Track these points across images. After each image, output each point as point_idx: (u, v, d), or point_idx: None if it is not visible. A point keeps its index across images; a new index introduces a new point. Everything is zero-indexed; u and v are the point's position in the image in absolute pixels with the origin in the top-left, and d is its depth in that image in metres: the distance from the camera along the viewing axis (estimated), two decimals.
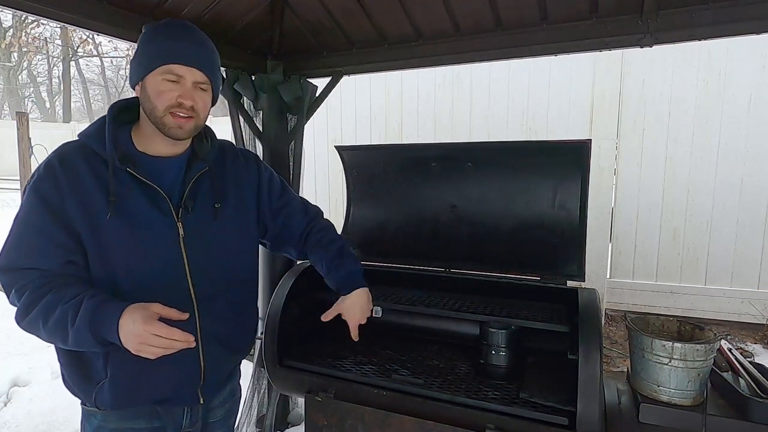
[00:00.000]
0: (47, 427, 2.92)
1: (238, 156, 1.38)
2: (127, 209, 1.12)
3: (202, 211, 1.22)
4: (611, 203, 4.07)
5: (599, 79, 3.94)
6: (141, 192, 1.14)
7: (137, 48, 1.18)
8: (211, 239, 1.23)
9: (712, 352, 1.41)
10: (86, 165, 1.12)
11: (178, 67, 1.12)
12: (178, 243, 1.17)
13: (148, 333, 0.98)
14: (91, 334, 1.01)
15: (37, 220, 1.08)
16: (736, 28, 1.74)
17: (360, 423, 1.58)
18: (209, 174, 1.25)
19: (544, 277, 1.81)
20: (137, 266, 1.13)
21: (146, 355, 1.00)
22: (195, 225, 1.20)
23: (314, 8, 2.23)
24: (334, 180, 4.99)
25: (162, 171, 1.19)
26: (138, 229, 1.13)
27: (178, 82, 1.13)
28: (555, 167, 1.85)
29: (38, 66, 26.28)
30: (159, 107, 1.13)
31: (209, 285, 1.22)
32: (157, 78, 1.12)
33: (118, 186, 1.11)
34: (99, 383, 1.15)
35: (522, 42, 2.06)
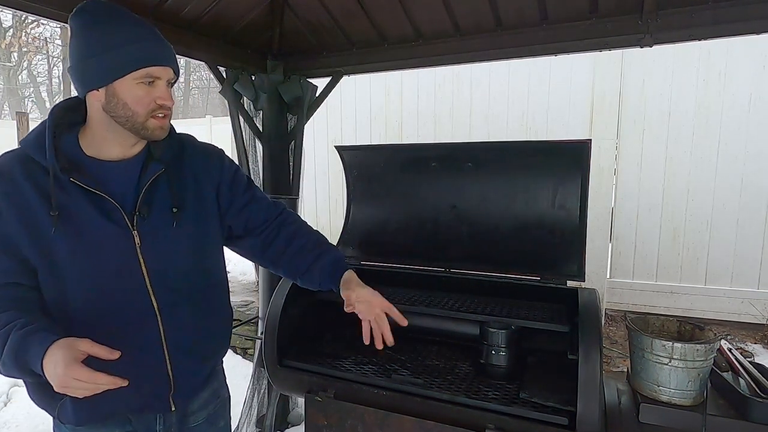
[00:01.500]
0: (47, 427, 2.92)
1: (198, 151, 1.25)
2: (73, 222, 1.03)
3: (159, 216, 1.12)
4: (611, 203, 4.07)
5: (599, 79, 3.94)
6: (88, 202, 1.04)
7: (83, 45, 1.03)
8: (170, 246, 1.14)
9: (712, 352, 1.41)
10: (25, 176, 1.02)
11: (156, 69, 1.04)
12: (135, 252, 1.08)
13: (68, 377, 0.90)
14: (18, 369, 0.95)
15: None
16: (736, 28, 1.74)
17: (360, 423, 1.57)
18: (165, 175, 1.15)
19: (544, 277, 1.81)
20: (90, 282, 1.05)
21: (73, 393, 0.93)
22: (152, 232, 1.11)
23: (314, 8, 2.23)
24: (334, 180, 4.99)
25: (112, 177, 1.09)
26: (87, 243, 1.04)
27: (154, 84, 1.05)
28: (555, 167, 1.85)
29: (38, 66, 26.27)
30: (140, 113, 1.04)
31: (171, 293, 1.14)
32: (130, 83, 1.03)
33: (62, 197, 1.02)
34: (61, 399, 1.07)
35: (522, 42, 2.06)
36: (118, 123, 1.06)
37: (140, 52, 1.03)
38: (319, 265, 1.29)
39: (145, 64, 1.03)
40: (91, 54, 1.02)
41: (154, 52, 1.05)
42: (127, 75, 1.02)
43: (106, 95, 1.04)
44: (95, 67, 1.03)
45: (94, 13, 1.05)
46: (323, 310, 2.08)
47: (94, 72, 1.03)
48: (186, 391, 1.22)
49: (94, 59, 1.02)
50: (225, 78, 2.40)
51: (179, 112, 22.35)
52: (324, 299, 2.00)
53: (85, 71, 1.04)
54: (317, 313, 2.05)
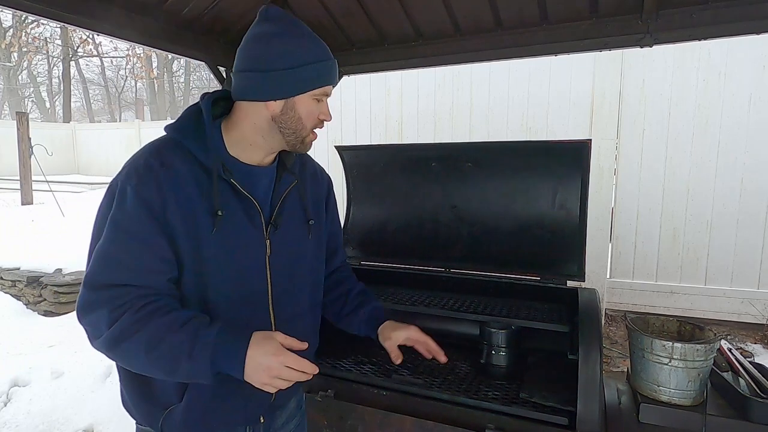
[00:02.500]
0: (47, 427, 2.92)
1: (316, 168, 1.31)
2: (227, 224, 1.02)
3: (288, 228, 1.13)
4: (611, 203, 4.06)
5: (599, 79, 3.94)
6: (238, 203, 1.05)
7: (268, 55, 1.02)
8: (295, 259, 1.16)
9: (712, 352, 1.41)
10: (187, 170, 1.01)
11: (330, 88, 1.08)
12: (265, 262, 1.09)
13: (281, 365, 0.91)
14: (211, 366, 0.92)
15: (141, 230, 0.96)
16: (736, 28, 1.74)
17: (360, 423, 1.58)
18: (296, 188, 1.17)
19: (544, 277, 1.81)
20: (230, 286, 1.05)
21: (270, 389, 0.93)
22: (281, 243, 1.11)
23: (314, 8, 2.23)
24: (334, 180, 4.96)
25: (256, 182, 1.10)
26: (237, 247, 1.05)
27: (322, 101, 1.09)
28: (555, 167, 1.85)
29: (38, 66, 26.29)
30: (308, 127, 1.08)
31: (289, 307, 1.15)
32: (308, 98, 1.05)
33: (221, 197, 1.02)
34: (168, 408, 1.06)
35: (522, 42, 2.06)
36: (283, 133, 1.07)
37: (323, 71, 1.05)
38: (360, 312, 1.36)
39: (326, 83, 1.06)
40: (283, 66, 1.02)
41: (333, 72, 1.08)
42: (311, 91, 1.05)
43: (284, 107, 1.04)
44: (283, 80, 1.02)
45: (277, 23, 1.05)
46: None
47: (280, 84, 1.03)
48: (279, 404, 1.23)
49: (285, 72, 1.02)
50: (225, 78, 2.40)
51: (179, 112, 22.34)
52: None
53: (272, 82, 1.02)
54: None
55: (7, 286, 5.03)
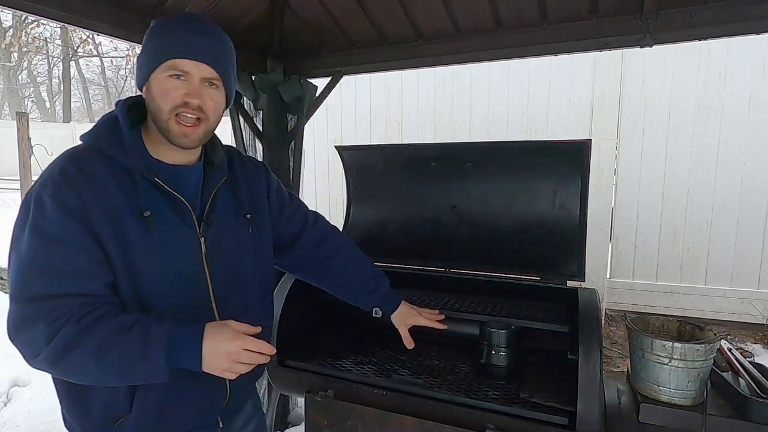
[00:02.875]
0: (47, 427, 2.92)
1: (245, 161, 1.29)
2: (157, 224, 1.00)
3: (223, 224, 1.12)
4: (611, 203, 4.06)
5: (599, 79, 3.94)
6: (167, 204, 1.03)
7: (142, 45, 1.05)
8: (235, 254, 1.14)
9: (712, 352, 1.41)
10: (108, 174, 0.98)
11: (183, 62, 1.00)
12: (201, 260, 1.07)
13: (240, 348, 0.92)
14: (167, 362, 0.90)
15: (67, 234, 0.91)
16: (736, 28, 1.74)
17: (360, 423, 1.58)
18: (227, 184, 1.16)
19: (544, 277, 1.81)
20: (166, 287, 1.02)
21: (231, 375, 0.93)
22: (217, 240, 1.09)
23: (314, 8, 2.23)
24: (334, 180, 4.99)
25: (183, 181, 1.07)
26: (168, 247, 1.02)
27: (185, 79, 1.01)
28: (555, 167, 1.85)
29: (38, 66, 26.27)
30: (164, 108, 1.00)
31: (233, 303, 1.13)
32: (161, 76, 1.00)
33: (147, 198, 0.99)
34: (117, 421, 1.02)
35: (522, 42, 2.06)
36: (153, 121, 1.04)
37: (171, 43, 1.00)
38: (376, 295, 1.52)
39: (172, 56, 0.99)
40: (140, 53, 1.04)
41: (186, 44, 1.00)
42: (158, 67, 1.00)
43: (147, 91, 1.03)
44: (139, 65, 1.04)
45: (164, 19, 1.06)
46: (323, 310, 2.08)
47: (138, 70, 1.04)
48: (234, 407, 1.20)
49: (141, 57, 1.04)
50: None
51: None
52: (324, 300, 2.00)
53: (136, 71, 1.04)
54: (317, 313, 2.05)
55: (7, 286, 5.03)
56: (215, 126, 1.10)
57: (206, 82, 1.04)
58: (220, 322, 0.96)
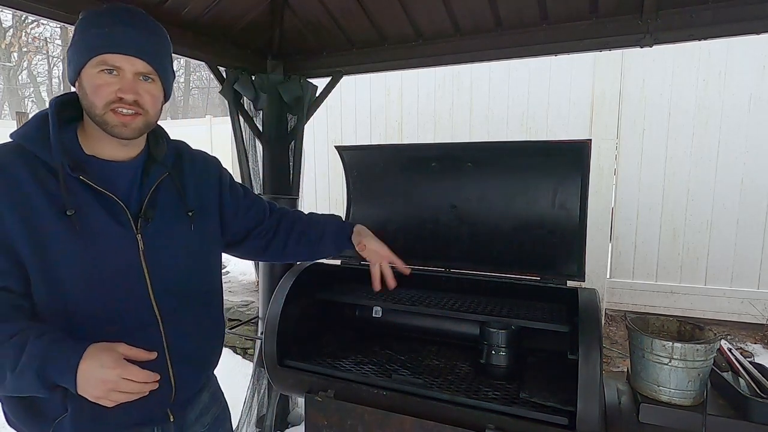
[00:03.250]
0: None
1: (196, 157, 1.25)
2: (84, 224, 0.97)
3: (163, 220, 1.09)
4: (611, 203, 4.06)
5: (599, 79, 3.94)
6: (95, 202, 1.00)
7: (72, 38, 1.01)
8: (174, 251, 1.11)
9: (712, 352, 1.41)
10: (27, 172, 0.95)
11: (113, 57, 0.97)
12: (138, 257, 1.04)
13: (118, 378, 0.86)
14: (40, 380, 0.86)
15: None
16: (736, 28, 1.74)
17: (360, 423, 1.58)
18: (170, 179, 1.13)
19: (544, 277, 1.81)
20: (94, 287, 0.99)
21: (107, 403, 0.88)
22: (156, 236, 1.07)
23: (314, 8, 2.23)
24: (334, 180, 4.99)
25: (116, 177, 1.05)
26: (94, 246, 0.98)
27: (118, 74, 0.99)
28: (555, 167, 1.85)
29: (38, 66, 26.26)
30: (98, 104, 0.98)
31: (174, 299, 1.10)
32: (92, 71, 0.98)
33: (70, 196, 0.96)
34: (56, 419, 1.00)
35: (522, 42, 2.06)
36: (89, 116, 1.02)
37: (100, 38, 0.97)
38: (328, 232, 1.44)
39: (101, 51, 0.97)
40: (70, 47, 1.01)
41: (115, 39, 0.97)
42: (88, 63, 0.98)
43: (79, 86, 1.01)
44: (69, 60, 1.01)
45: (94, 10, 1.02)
46: (323, 310, 2.08)
47: (69, 64, 1.01)
48: (184, 400, 1.19)
49: (70, 51, 1.01)
50: (225, 78, 2.40)
51: (179, 112, 22.33)
52: (324, 299, 2.00)
53: (67, 65, 1.02)
54: (317, 313, 2.05)
55: None
56: (156, 119, 1.09)
57: (140, 76, 1.01)
58: (106, 346, 0.90)
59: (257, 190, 2.59)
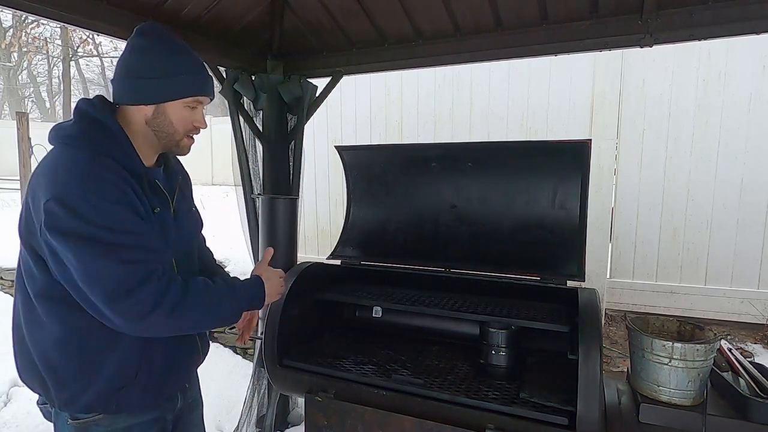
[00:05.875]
0: (47, 427, 2.90)
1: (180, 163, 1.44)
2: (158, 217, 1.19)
3: (182, 216, 1.31)
4: (611, 203, 4.06)
5: (599, 79, 3.94)
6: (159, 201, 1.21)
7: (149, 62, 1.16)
8: (190, 243, 1.36)
9: (712, 352, 1.41)
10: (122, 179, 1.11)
11: (202, 98, 1.22)
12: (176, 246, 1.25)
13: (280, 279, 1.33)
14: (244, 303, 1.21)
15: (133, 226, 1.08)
16: (736, 28, 1.74)
17: (360, 423, 1.58)
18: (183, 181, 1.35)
19: (544, 277, 1.81)
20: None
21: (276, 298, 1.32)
22: (180, 229, 1.28)
23: (314, 8, 2.23)
24: (334, 180, 4.99)
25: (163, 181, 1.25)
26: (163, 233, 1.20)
27: (196, 109, 1.23)
28: (555, 167, 1.85)
29: (38, 66, 26.25)
30: (180, 132, 1.21)
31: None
32: (179, 105, 1.19)
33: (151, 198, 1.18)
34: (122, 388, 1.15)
35: (522, 42, 2.06)
36: (157, 136, 1.20)
37: (194, 83, 1.20)
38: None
39: (196, 94, 1.20)
40: (153, 75, 1.16)
41: (204, 84, 1.23)
42: (180, 99, 1.19)
43: (155, 112, 1.18)
44: (155, 87, 1.16)
45: (153, 37, 1.19)
46: (323, 310, 2.08)
47: (153, 90, 1.16)
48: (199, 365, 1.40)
49: (155, 80, 1.16)
50: (225, 78, 2.40)
51: None
52: (324, 299, 2.00)
53: (143, 88, 1.16)
54: (317, 313, 2.05)
55: (7, 286, 5.03)
56: None
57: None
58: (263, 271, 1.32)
59: (257, 190, 2.59)
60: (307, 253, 5.00)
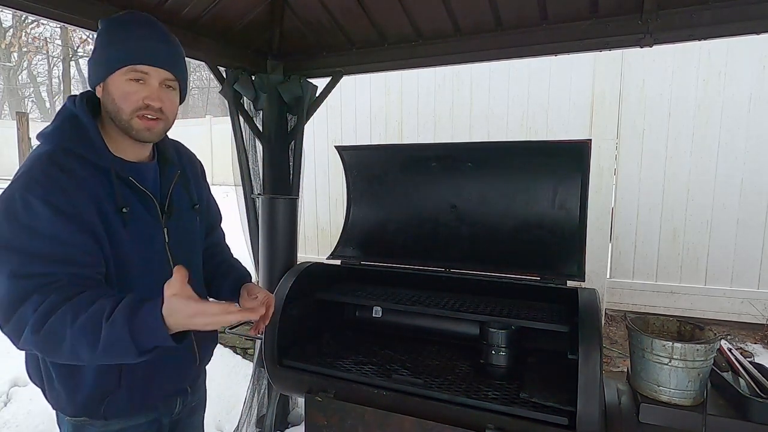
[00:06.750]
0: (47, 427, 2.92)
1: (191, 156, 1.38)
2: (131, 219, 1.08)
3: (180, 215, 1.22)
4: (611, 203, 4.06)
5: (599, 79, 3.94)
6: (137, 199, 1.11)
7: (95, 45, 1.09)
8: (190, 242, 1.27)
9: (712, 352, 1.41)
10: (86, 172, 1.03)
11: (143, 67, 1.06)
12: (165, 249, 1.17)
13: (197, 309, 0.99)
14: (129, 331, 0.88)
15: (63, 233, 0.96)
16: (736, 28, 1.74)
17: (360, 423, 1.58)
18: (181, 177, 1.26)
19: (544, 277, 1.81)
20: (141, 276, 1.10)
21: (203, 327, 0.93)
22: (176, 230, 1.20)
23: (314, 8, 2.23)
24: (334, 180, 4.99)
25: (145, 177, 1.15)
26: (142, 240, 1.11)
27: (145, 82, 1.07)
28: (555, 167, 1.85)
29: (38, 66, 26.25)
30: (125, 110, 1.06)
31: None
32: (120, 78, 1.06)
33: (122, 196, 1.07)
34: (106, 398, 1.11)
35: (522, 42, 2.06)
36: (112, 119, 1.09)
37: (130, 50, 1.06)
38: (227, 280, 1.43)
39: (132, 62, 1.05)
40: (95, 52, 1.09)
41: (145, 50, 1.06)
42: (116, 71, 1.06)
43: (103, 92, 1.09)
44: (95, 66, 1.09)
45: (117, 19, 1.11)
46: (323, 310, 2.08)
47: (94, 70, 1.09)
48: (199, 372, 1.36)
49: (96, 58, 1.09)
50: (225, 78, 2.40)
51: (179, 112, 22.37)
52: (324, 299, 2.00)
53: (90, 70, 1.10)
54: (317, 313, 2.05)
55: None
56: (172, 124, 1.18)
57: (164, 84, 1.10)
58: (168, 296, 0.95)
59: (257, 190, 2.59)
60: (307, 253, 5.00)
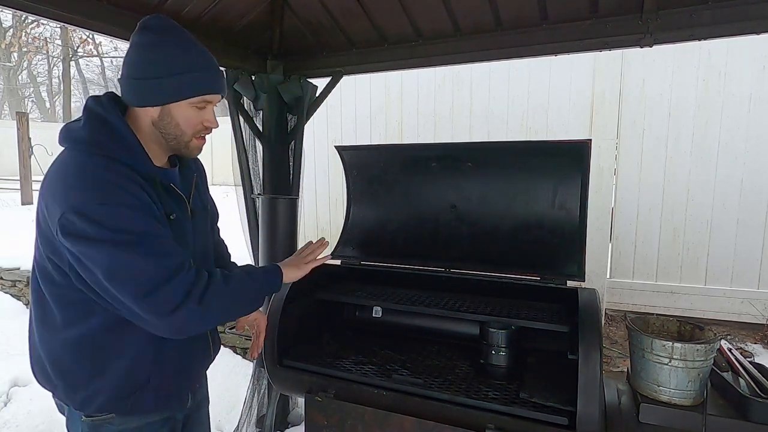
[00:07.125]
0: (47, 427, 2.92)
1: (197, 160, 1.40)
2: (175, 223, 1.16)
3: (198, 215, 1.29)
4: (611, 203, 4.06)
5: (599, 79, 3.94)
6: (176, 204, 1.19)
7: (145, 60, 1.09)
8: (204, 241, 1.33)
9: (712, 352, 1.41)
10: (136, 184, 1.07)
11: (210, 97, 1.15)
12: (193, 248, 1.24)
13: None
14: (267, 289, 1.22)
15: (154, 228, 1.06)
16: (736, 28, 1.74)
17: (360, 423, 1.57)
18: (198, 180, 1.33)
19: (544, 277, 1.81)
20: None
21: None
22: (197, 230, 1.27)
23: (314, 8, 2.23)
24: (334, 180, 4.99)
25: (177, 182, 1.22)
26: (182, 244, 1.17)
27: (205, 108, 1.16)
28: (555, 167, 1.85)
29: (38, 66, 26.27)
30: (188, 133, 1.15)
31: None
32: (186, 106, 1.12)
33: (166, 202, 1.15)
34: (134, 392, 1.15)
35: (522, 42, 2.06)
36: (165, 138, 1.15)
37: (200, 81, 1.12)
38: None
39: (203, 93, 1.13)
40: (155, 75, 1.08)
41: (212, 82, 1.15)
42: (184, 100, 1.12)
43: (161, 113, 1.12)
44: (157, 88, 1.09)
45: (157, 32, 1.11)
46: (323, 310, 2.08)
47: (155, 92, 1.10)
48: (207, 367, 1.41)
49: (158, 81, 1.08)
50: (225, 78, 2.40)
51: None
52: (324, 299, 2.00)
53: (146, 89, 1.10)
54: (317, 313, 2.05)
55: (7, 286, 5.04)
56: None
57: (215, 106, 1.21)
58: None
59: (257, 190, 2.59)
60: None
